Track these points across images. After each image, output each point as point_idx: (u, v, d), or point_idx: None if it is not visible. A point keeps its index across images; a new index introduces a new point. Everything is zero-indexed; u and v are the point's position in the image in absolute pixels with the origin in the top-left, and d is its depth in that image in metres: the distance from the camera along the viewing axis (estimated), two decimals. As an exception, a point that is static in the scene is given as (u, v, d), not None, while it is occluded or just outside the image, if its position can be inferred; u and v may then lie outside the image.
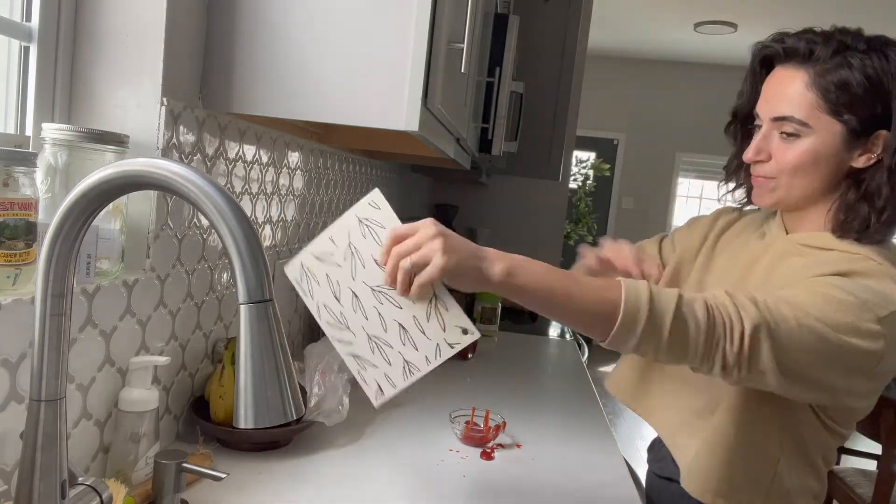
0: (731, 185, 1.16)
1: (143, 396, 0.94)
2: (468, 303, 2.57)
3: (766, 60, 1.04)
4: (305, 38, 1.04)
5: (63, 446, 0.64)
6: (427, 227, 0.83)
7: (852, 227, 0.98)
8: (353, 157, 2.01)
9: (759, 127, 1.02)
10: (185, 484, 0.85)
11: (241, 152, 1.24)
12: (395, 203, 2.86)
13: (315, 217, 1.73)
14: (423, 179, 3.57)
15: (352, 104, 1.04)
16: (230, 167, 1.21)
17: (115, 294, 0.93)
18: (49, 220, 0.61)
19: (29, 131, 0.93)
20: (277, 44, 1.04)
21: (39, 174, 0.82)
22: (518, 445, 1.28)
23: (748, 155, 1.02)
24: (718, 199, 1.22)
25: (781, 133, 0.98)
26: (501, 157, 2.28)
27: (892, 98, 0.95)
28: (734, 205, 1.19)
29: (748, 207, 1.20)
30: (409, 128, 1.03)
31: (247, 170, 1.28)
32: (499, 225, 3.98)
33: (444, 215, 3.88)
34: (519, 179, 3.83)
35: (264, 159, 1.35)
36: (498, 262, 0.84)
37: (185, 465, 0.83)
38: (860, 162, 0.97)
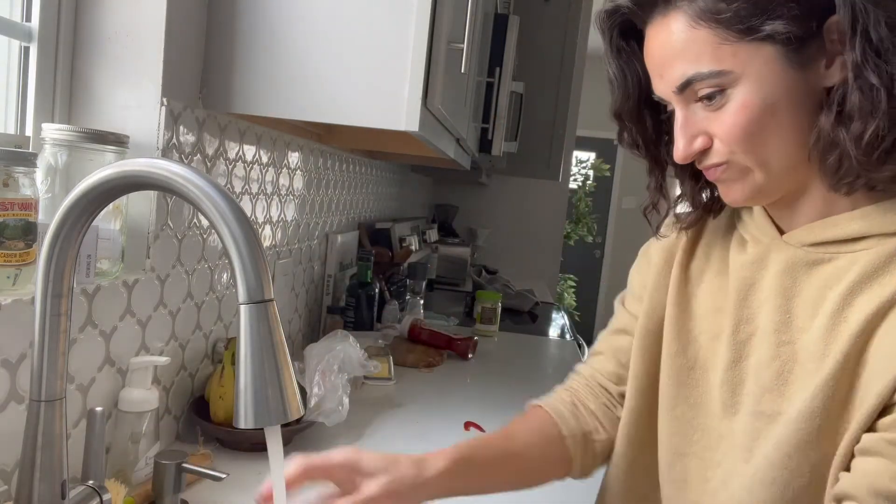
0: (679, 199, 0.82)
1: (143, 396, 0.94)
2: (468, 302, 2.57)
3: (626, 31, 0.75)
4: (306, 38, 1.04)
5: (63, 446, 0.64)
6: None
7: (845, 169, 0.64)
8: (353, 157, 2.01)
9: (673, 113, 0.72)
10: (185, 484, 0.85)
11: (241, 152, 1.24)
12: (395, 203, 2.87)
13: (315, 217, 1.73)
14: (423, 179, 3.57)
15: (352, 104, 1.04)
16: (230, 167, 1.21)
17: (115, 294, 0.93)
18: (49, 220, 0.60)
19: (29, 131, 0.93)
20: (277, 44, 1.04)
21: (39, 174, 0.82)
22: (518, 445, 1.28)
23: (679, 154, 0.70)
24: (657, 235, 0.85)
25: (700, 101, 0.68)
26: (501, 157, 2.28)
27: None
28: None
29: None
30: (409, 128, 1.03)
31: (247, 170, 1.28)
32: (499, 225, 3.98)
33: (444, 215, 3.88)
34: (519, 179, 3.83)
35: (264, 159, 1.35)
36: None
37: (185, 465, 0.83)
38: (834, 74, 0.64)
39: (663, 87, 0.70)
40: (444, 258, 3.16)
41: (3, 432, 0.75)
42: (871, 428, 0.62)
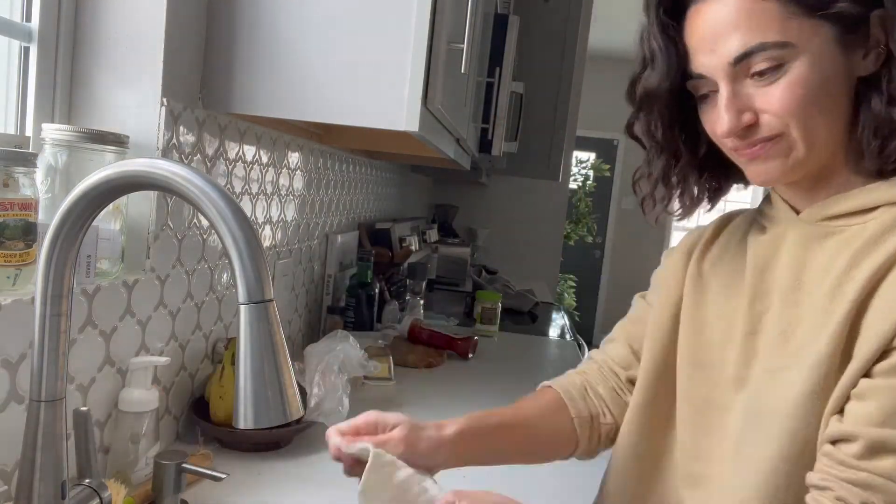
0: (681, 191, 0.82)
1: (143, 397, 0.94)
2: (468, 302, 2.57)
3: (671, 9, 0.74)
4: (305, 38, 1.04)
5: (63, 446, 0.64)
6: None
7: (892, 148, 0.68)
8: (353, 157, 2.01)
9: (707, 94, 0.73)
10: (185, 484, 0.85)
11: (241, 153, 1.24)
12: (395, 203, 2.87)
13: (315, 217, 1.73)
14: (423, 179, 3.57)
15: (352, 104, 1.04)
16: (230, 167, 1.21)
17: (115, 294, 0.93)
18: (49, 220, 0.61)
19: (29, 132, 0.93)
20: (277, 44, 1.04)
21: (39, 174, 0.82)
22: (518, 445, 1.28)
23: (726, 128, 0.70)
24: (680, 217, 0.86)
25: (753, 76, 0.68)
26: (501, 157, 2.28)
27: None
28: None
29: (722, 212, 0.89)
30: (409, 128, 1.03)
31: (247, 170, 1.28)
32: (499, 225, 3.98)
33: (444, 215, 3.88)
34: (519, 179, 3.83)
35: (264, 160, 1.35)
36: None
37: (185, 465, 0.83)
38: (869, 65, 0.68)
39: (715, 62, 0.69)
40: (444, 258, 3.16)
41: (3, 432, 0.75)
42: (867, 374, 0.64)
